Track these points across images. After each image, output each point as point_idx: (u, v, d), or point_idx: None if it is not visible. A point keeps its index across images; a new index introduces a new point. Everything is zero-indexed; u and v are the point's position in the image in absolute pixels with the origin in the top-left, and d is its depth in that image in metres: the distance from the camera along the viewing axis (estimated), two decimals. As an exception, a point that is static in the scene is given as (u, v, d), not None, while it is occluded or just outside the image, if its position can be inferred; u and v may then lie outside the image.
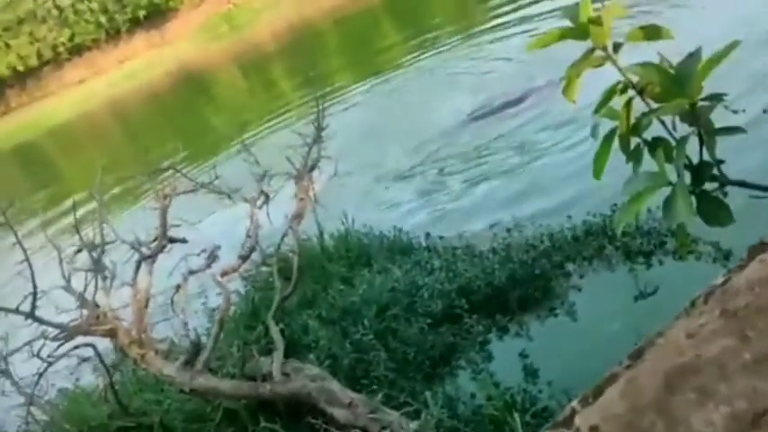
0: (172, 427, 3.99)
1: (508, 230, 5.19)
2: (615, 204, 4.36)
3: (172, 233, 5.50)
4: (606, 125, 2.00)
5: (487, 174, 6.71)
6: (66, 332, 4.51)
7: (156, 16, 48.51)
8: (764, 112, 3.93)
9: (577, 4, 1.93)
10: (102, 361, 4.25)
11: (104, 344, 4.77)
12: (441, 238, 5.48)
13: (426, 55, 14.27)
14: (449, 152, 7.67)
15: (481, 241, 5.19)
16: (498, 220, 5.58)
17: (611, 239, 4.59)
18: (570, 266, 4.60)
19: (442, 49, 14.39)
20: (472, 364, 4.09)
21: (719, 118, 1.54)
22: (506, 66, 10.24)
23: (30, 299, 4.16)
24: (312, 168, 5.63)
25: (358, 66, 17.55)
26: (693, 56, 1.79)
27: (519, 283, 4.46)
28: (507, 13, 14.57)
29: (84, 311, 4.56)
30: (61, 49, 48.72)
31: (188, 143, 13.57)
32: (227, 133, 14.95)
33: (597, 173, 2.00)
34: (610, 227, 4.51)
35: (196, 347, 4.01)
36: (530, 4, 14.05)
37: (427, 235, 5.55)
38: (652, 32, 1.90)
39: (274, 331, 4.28)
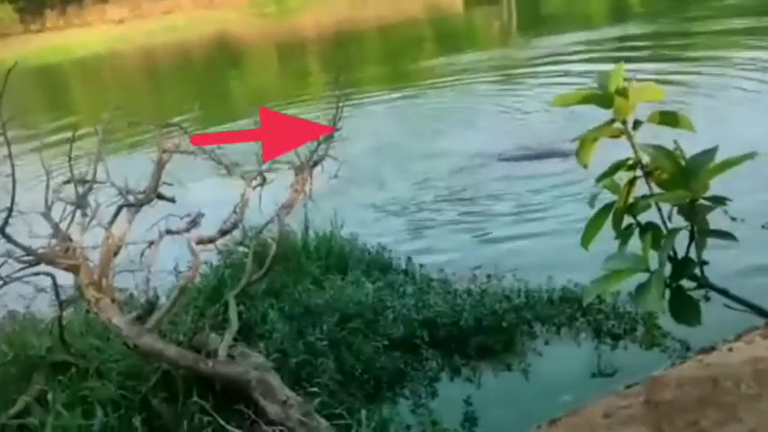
0: (106, 377, 3.94)
1: (488, 276, 5.18)
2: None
3: (163, 190, 5.49)
4: (606, 197, 1.99)
5: (485, 221, 6.63)
6: (32, 256, 4.48)
7: (210, -23, 48.75)
8: (763, 227, 3.93)
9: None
10: (57, 293, 4.20)
11: (68, 280, 4.73)
12: (421, 266, 5.46)
13: (463, 81, 14.30)
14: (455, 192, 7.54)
15: (459, 280, 5.18)
16: (483, 264, 5.54)
17: (585, 313, 4.58)
18: (538, 328, 4.58)
19: (481, 79, 14.46)
20: (416, 396, 4.06)
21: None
22: (546, 114, 10.02)
23: (4, 214, 4.12)
24: (315, 164, 5.61)
25: (391, 76, 17.62)
26: (707, 153, 1.78)
27: (484, 331, 4.45)
28: (555, 62, 14.71)
29: (55, 241, 4.53)
30: (110, -17, 48.88)
31: (205, 106, 13.56)
32: (244, 107, 15.03)
33: (585, 242, 1.99)
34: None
35: (151, 306, 3.97)
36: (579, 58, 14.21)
37: (408, 259, 5.54)
38: (671, 119, 1.90)
39: (233, 311, 4.24)
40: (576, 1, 29.26)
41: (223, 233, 5.05)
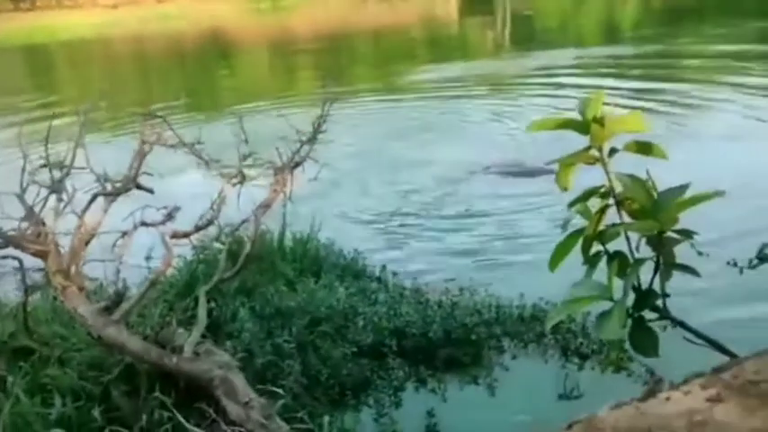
0: (68, 366, 3.89)
1: (461, 290, 5.18)
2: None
3: (142, 180, 5.43)
4: (579, 221, 2.00)
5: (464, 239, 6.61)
6: (1, 239, 4.41)
7: (205, -32, 48.44)
8: (728, 263, 3.92)
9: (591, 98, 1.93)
10: (23, 277, 4.14)
11: (37, 264, 4.67)
12: (394, 274, 5.46)
13: (453, 91, 14.35)
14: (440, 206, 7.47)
15: (432, 291, 5.18)
16: (456, 276, 5.55)
17: (554, 331, 4.60)
18: (507, 343, 4.59)
19: (471, 89, 14.53)
20: (379, 405, 4.04)
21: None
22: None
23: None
24: (296, 165, 5.59)
25: (380, 81, 17.64)
26: (679, 189, 1.80)
27: (452, 343, 4.45)
28: (545, 75, 14.80)
29: (25, 225, 4.46)
30: (105, -33, 48.52)
31: (190, 97, 13.51)
32: (230, 100, 15.00)
33: (552, 265, 2.00)
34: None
35: (119, 297, 3.92)
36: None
37: (383, 267, 5.53)
38: (644, 148, 1.91)
39: (202, 308, 4.21)
40: (570, 20, 29.55)
41: (198, 229, 5.01)
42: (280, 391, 3.80)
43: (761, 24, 19.50)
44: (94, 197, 4.74)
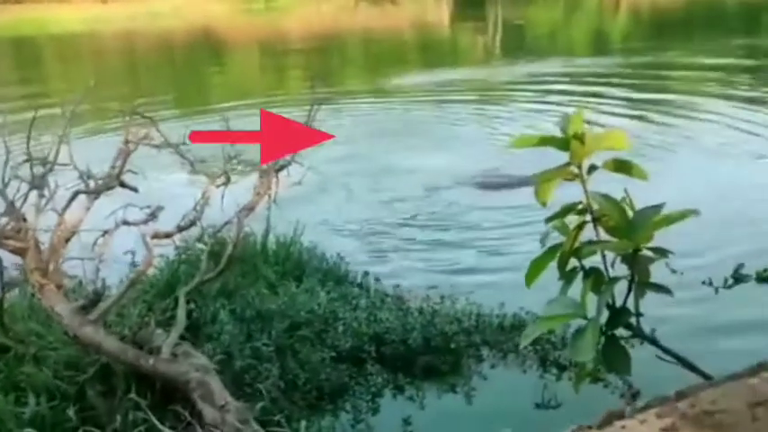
0: (44, 364, 3.86)
1: (442, 297, 5.19)
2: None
3: (127, 179, 5.39)
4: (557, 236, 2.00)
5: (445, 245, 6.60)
6: (-21, 234, 4.37)
7: (199, -33, 48.24)
8: (703, 282, 3.96)
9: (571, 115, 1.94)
10: (0, 274, 4.10)
11: (16, 260, 4.63)
12: (377, 280, 5.45)
13: (441, 97, 14.42)
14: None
15: (413, 298, 5.18)
16: (439, 283, 5.55)
17: (534, 341, 4.61)
18: (486, 352, 4.60)
19: (459, 95, 14.58)
20: (357, 411, 4.04)
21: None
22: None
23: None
24: (281, 169, 5.58)
25: (369, 85, 17.68)
26: (654, 208, 1.81)
27: (432, 351, 4.44)
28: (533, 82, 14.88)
29: (5, 220, 4.43)
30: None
31: (178, 95, 13.46)
32: (218, 98, 14.98)
33: (528, 280, 2.00)
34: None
35: (97, 296, 3.90)
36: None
37: (365, 273, 5.52)
38: (624, 167, 1.92)
39: (181, 309, 4.18)
40: (560, 30, 29.74)
41: (180, 229, 4.99)
42: (257, 394, 3.80)
43: (746, 41, 19.84)
44: (75, 194, 4.70)
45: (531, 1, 40.93)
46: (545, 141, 1.85)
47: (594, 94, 13.08)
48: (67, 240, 4.52)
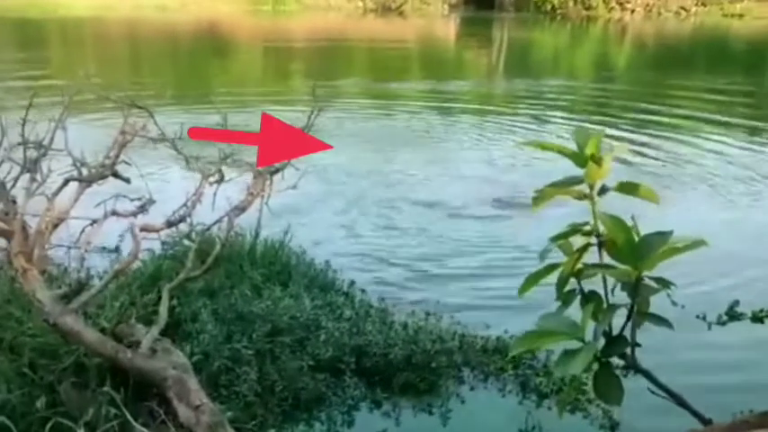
0: (19, 351, 3.80)
1: (427, 314, 5.16)
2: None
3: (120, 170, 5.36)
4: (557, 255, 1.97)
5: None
6: (-33, 214, 4.33)
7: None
8: (697, 316, 3.92)
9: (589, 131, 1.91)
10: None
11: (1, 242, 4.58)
12: (362, 291, 5.42)
13: (442, 110, 14.52)
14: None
15: (398, 313, 5.14)
16: (425, 299, 5.52)
17: (515, 366, 4.59)
18: (466, 374, 4.56)
19: (459, 109, 14.76)
20: (331, 422, 4.00)
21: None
22: (518, 158, 10.14)
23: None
24: (276, 171, 5.55)
25: (369, 94, 17.68)
26: (662, 236, 1.76)
27: (412, 368, 4.40)
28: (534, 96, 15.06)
29: (-6, 202, 4.38)
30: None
31: (179, 90, 13.43)
32: (217, 94, 14.97)
33: (522, 290, 1.96)
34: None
35: (80, 286, 3.85)
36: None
37: (352, 282, 5.49)
38: (634, 189, 1.88)
39: (164, 304, 4.14)
40: (564, 54, 29.93)
41: (169, 224, 4.95)
42: (233, 397, 3.75)
43: (748, 78, 20.08)
44: (66, 182, 4.66)
45: (538, 25, 41.20)
46: (563, 152, 1.81)
47: (590, 113, 13.33)
48: (55, 227, 4.47)
